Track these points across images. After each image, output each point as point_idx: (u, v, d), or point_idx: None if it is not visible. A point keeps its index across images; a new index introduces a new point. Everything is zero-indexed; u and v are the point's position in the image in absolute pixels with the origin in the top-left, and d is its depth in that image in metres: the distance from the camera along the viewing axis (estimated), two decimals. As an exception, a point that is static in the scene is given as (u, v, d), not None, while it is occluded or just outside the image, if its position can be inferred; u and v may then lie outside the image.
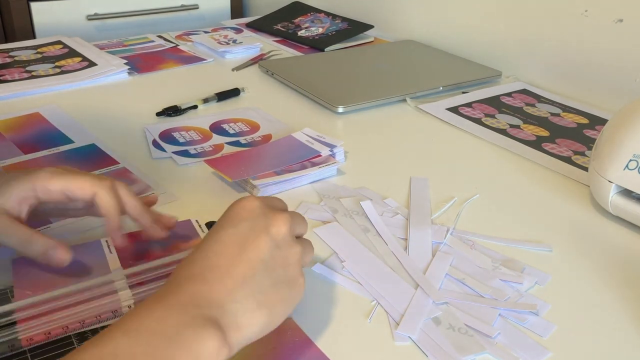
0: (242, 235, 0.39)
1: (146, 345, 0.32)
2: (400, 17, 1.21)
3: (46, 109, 0.81)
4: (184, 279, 0.37)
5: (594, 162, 0.61)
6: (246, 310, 0.37)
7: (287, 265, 0.40)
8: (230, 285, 0.37)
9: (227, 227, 0.40)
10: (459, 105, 0.87)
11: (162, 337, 0.33)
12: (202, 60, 1.03)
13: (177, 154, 0.69)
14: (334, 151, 0.68)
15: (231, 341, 0.35)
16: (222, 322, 0.35)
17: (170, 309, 0.35)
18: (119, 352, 0.32)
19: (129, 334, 0.33)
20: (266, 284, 0.38)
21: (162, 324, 0.34)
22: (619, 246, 0.57)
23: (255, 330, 0.37)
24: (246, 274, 0.38)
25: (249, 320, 0.37)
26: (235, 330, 0.36)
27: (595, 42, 0.89)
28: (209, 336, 0.34)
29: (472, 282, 0.50)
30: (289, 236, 0.41)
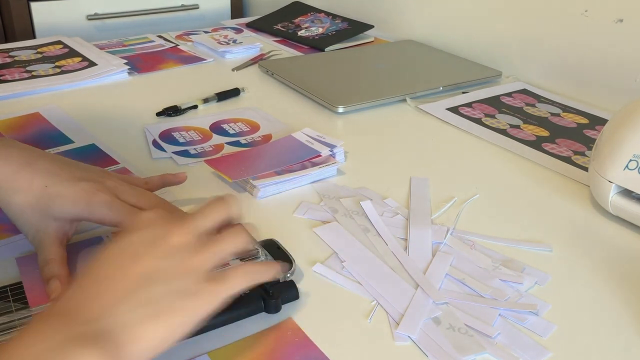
0: (131, 247, 0.38)
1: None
2: (400, 17, 1.21)
3: (46, 109, 0.81)
4: (61, 302, 0.36)
5: (594, 162, 0.61)
6: (131, 324, 0.35)
7: (186, 274, 0.38)
8: (111, 298, 0.35)
9: (122, 240, 0.39)
10: (459, 105, 0.87)
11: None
12: (202, 60, 1.03)
13: (177, 154, 0.69)
14: (334, 151, 0.68)
15: (124, 356, 0.33)
16: (101, 337, 0.33)
17: (38, 336, 0.33)
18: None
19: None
20: (159, 295, 0.36)
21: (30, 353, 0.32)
22: (619, 246, 0.57)
23: (150, 343, 0.35)
24: (130, 287, 0.36)
25: (136, 334, 0.34)
26: (122, 344, 0.34)
27: (595, 42, 0.89)
28: (88, 354, 0.32)
29: (472, 282, 0.50)
30: (186, 246, 0.39)
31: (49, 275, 0.46)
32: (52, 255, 0.47)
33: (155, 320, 0.35)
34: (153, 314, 0.35)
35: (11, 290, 0.46)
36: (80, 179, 0.49)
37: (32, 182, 0.47)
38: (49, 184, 0.47)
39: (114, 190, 0.49)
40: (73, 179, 0.48)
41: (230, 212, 0.43)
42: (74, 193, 0.47)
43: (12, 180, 0.47)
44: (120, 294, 0.35)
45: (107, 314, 0.34)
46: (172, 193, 0.61)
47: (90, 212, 0.47)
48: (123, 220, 0.47)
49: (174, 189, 0.62)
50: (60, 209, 0.47)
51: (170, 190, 0.61)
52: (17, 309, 0.44)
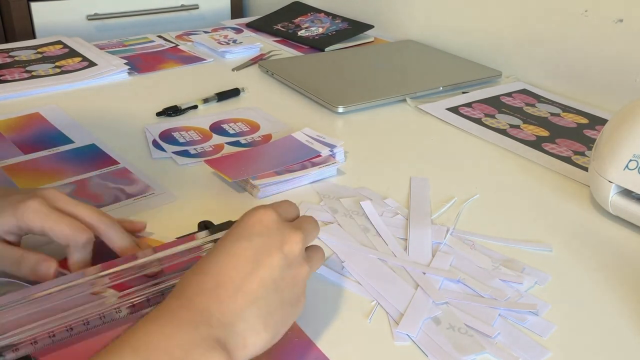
0: (256, 251, 0.38)
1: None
2: (400, 17, 1.21)
3: (46, 109, 0.81)
4: (195, 293, 0.37)
5: (594, 162, 0.61)
6: (253, 331, 0.37)
7: (295, 285, 0.40)
8: (241, 303, 0.37)
9: (241, 240, 0.39)
10: (459, 105, 0.87)
11: (171, 357, 0.33)
12: (202, 60, 1.03)
13: (177, 154, 0.69)
14: (334, 151, 0.68)
15: (239, 358, 0.36)
16: (229, 342, 0.35)
17: (180, 327, 0.34)
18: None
19: (138, 351, 0.32)
20: (275, 304, 0.38)
21: (171, 342, 0.33)
22: (619, 246, 0.57)
23: (257, 349, 0.37)
24: (258, 293, 0.37)
25: (254, 340, 0.37)
26: (241, 349, 0.36)
27: (595, 42, 0.89)
28: (216, 357, 0.34)
29: (472, 282, 0.50)
30: (300, 255, 0.40)
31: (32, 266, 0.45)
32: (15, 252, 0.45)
33: (270, 328, 0.38)
34: (271, 322, 0.38)
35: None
36: (12, 194, 0.47)
37: None
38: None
39: (48, 198, 0.47)
40: (5, 195, 0.47)
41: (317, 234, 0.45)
42: (3, 207, 0.46)
43: None
44: (250, 299, 0.37)
45: (239, 318, 0.36)
46: (172, 193, 0.61)
47: (17, 219, 0.45)
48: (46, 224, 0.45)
49: (174, 189, 0.62)
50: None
51: (170, 190, 0.62)
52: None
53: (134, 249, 0.48)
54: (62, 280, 0.43)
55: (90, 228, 0.47)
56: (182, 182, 0.64)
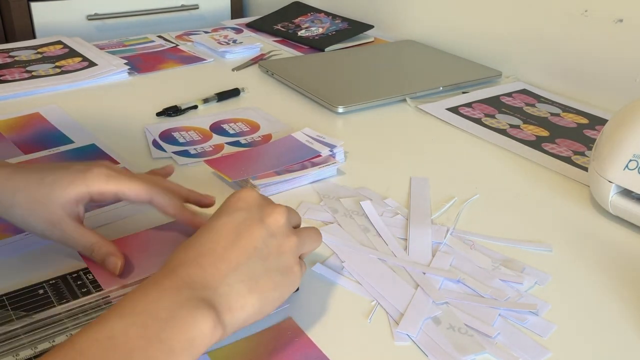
0: (237, 224, 0.41)
1: (141, 327, 0.33)
2: (400, 17, 1.21)
3: (46, 109, 0.81)
4: (178, 263, 0.38)
5: (594, 162, 0.61)
6: (238, 294, 0.38)
7: (281, 253, 0.41)
8: (223, 269, 0.38)
9: (223, 216, 0.41)
10: (459, 105, 0.87)
11: (157, 319, 0.34)
12: (202, 60, 1.03)
13: (177, 154, 0.69)
14: (334, 151, 0.68)
15: (225, 322, 0.36)
16: (215, 303, 0.36)
17: (164, 291, 0.36)
18: (114, 335, 0.33)
19: (124, 317, 0.34)
20: (259, 270, 0.39)
21: (156, 305, 0.35)
22: (619, 246, 0.57)
23: (247, 314, 0.38)
24: (239, 260, 0.39)
25: (241, 303, 0.38)
26: (228, 311, 0.37)
27: (595, 42, 0.89)
28: (203, 316, 0.35)
29: (472, 282, 0.50)
30: (284, 227, 0.42)
31: (102, 257, 0.48)
32: (90, 238, 0.48)
33: (257, 294, 0.39)
34: (256, 287, 0.39)
35: (8, 299, 0.45)
36: (72, 164, 0.50)
37: (27, 181, 0.47)
38: (43, 176, 0.48)
39: (107, 166, 0.50)
40: (65, 166, 0.49)
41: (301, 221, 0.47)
42: (69, 174, 0.48)
43: (7, 185, 0.47)
44: (233, 266, 0.39)
45: (221, 283, 0.38)
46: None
47: (89, 187, 0.48)
48: (120, 187, 0.49)
49: (174, 189, 0.62)
50: (60, 193, 0.47)
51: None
52: (18, 317, 0.43)
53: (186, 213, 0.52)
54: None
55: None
56: (182, 182, 0.63)
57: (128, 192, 0.49)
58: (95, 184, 0.48)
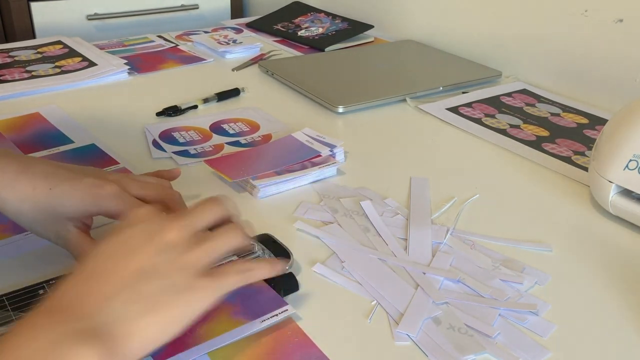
0: (124, 243, 0.38)
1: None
2: (400, 17, 1.21)
3: (46, 109, 0.81)
4: (56, 296, 0.35)
5: (594, 162, 0.61)
6: (130, 317, 0.34)
7: (177, 271, 0.37)
8: (107, 293, 0.35)
9: (111, 237, 0.39)
10: (459, 105, 0.87)
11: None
12: (202, 60, 1.03)
13: (177, 154, 0.69)
14: (334, 151, 0.68)
15: (116, 352, 0.33)
16: (99, 332, 0.33)
17: (38, 331, 0.32)
18: None
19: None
20: (149, 291, 0.36)
21: (32, 347, 0.31)
22: (619, 246, 0.57)
23: (146, 337, 0.35)
24: (124, 282, 0.36)
25: (132, 328, 0.34)
26: (118, 339, 0.33)
27: (595, 42, 0.89)
28: (85, 353, 0.31)
29: (472, 282, 0.50)
30: (181, 242, 0.38)
31: None
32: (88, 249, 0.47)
33: (149, 315, 0.35)
34: (147, 309, 0.35)
35: (8, 299, 0.45)
36: (83, 175, 0.48)
37: (34, 187, 0.46)
38: (52, 186, 0.46)
39: (118, 183, 0.48)
40: (75, 177, 0.47)
41: (225, 210, 0.43)
42: (79, 190, 0.46)
43: (13, 189, 0.46)
44: (115, 289, 0.35)
45: (102, 309, 0.34)
46: (172, 193, 0.61)
47: (99, 206, 0.46)
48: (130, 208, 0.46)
49: (174, 189, 0.62)
50: (69, 208, 0.46)
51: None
52: (18, 317, 0.43)
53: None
54: None
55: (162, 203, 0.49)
56: (182, 182, 0.63)
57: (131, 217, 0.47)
58: (106, 204, 0.46)
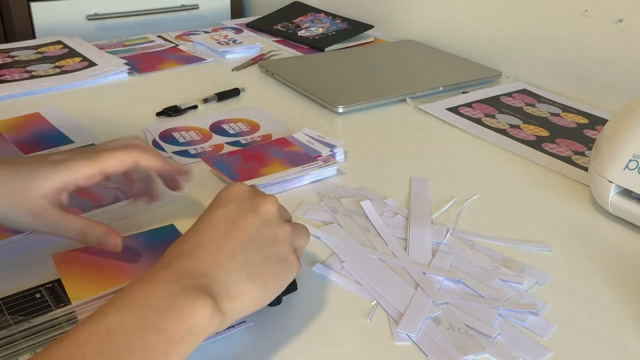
0: (230, 215, 0.41)
1: (138, 317, 0.33)
2: (400, 17, 1.21)
3: (46, 109, 0.81)
4: (174, 255, 0.39)
5: (594, 162, 0.61)
6: (237, 282, 0.38)
7: (276, 242, 0.41)
8: (220, 258, 0.38)
9: (216, 209, 0.42)
10: (459, 105, 0.87)
11: (154, 309, 0.34)
12: (202, 60, 1.03)
13: (177, 154, 0.69)
14: (334, 151, 0.68)
15: (224, 309, 0.36)
16: (213, 290, 0.36)
17: (160, 282, 0.36)
18: (111, 327, 0.33)
19: (121, 309, 0.34)
20: (256, 258, 0.40)
21: (153, 296, 0.35)
22: (619, 246, 0.57)
23: (247, 301, 0.38)
24: (235, 249, 0.39)
25: (239, 291, 0.38)
26: (226, 299, 0.37)
27: (595, 42, 0.89)
28: (201, 304, 0.35)
29: (472, 282, 0.50)
30: (276, 216, 0.43)
31: (97, 238, 0.47)
32: (79, 223, 0.47)
33: (255, 281, 0.39)
34: (255, 274, 0.39)
35: (5, 304, 0.45)
36: (46, 156, 0.48)
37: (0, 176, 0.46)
38: (18, 169, 0.46)
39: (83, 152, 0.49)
40: (39, 159, 0.48)
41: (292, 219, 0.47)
42: (47, 165, 0.47)
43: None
44: (227, 255, 0.39)
45: (219, 270, 0.38)
46: (172, 192, 0.61)
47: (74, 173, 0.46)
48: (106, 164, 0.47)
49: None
50: (40, 182, 0.46)
51: (170, 190, 0.61)
52: (16, 321, 0.43)
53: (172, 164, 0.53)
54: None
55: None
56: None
57: (112, 164, 0.48)
58: (79, 169, 0.47)
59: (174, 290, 0.35)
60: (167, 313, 0.34)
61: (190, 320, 0.34)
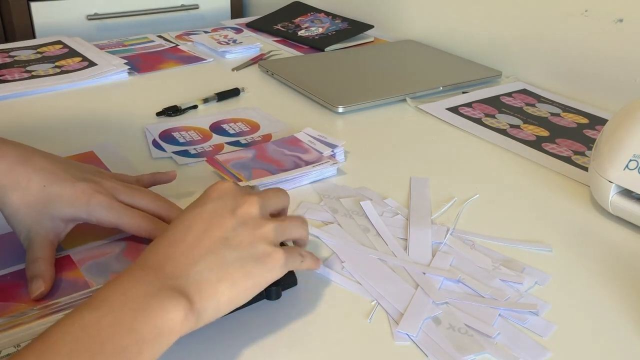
0: (209, 214, 0.41)
1: (112, 317, 0.34)
2: (400, 17, 1.21)
3: (100, 147, 0.70)
4: (150, 255, 0.39)
5: (594, 162, 0.61)
6: (208, 282, 0.38)
7: (253, 242, 0.41)
8: (194, 257, 0.39)
9: (196, 207, 0.42)
10: (459, 105, 0.87)
11: (128, 309, 0.34)
12: (202, 60, 1.03)
13: (177, 153, 0.69)
14: (334, 151, 0.68)
15: (198, 309, 0.37)
16: (186, 290, 0.37)
17: (135, 283, 0.36)
18: (86, 326, 0.33)
19: (97, 308, 0.34)
20: (229, 259, 0.40)
21: (128, 296, 0.35)
22: (619, 246, 0.57)
23: (220, 301, 0.38)
24: (209, 249, 0.39)
25: (211, 292, 0.38)
26: (199, 299, 0.37)
27: (595, 42, 0.89)
28: (174, 305, 0.35)
29: (472, 282, 0.50)
30: (257, 216, 0.42)
31: (34, 273, 0.46)
32: (40, 254, 0.47)
33: (228, 282, 0.39)
34: (227, 275, 0.39)
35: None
36: (78, 179, 0.49)
37: (29, 181, 0.47)
38: (47, 184, 0.47)
39: (111, 191, 0.50)
40: (71, 179, 0.49)
41: (287, 202, 0.48)
42: (72, 194, 0.48)
43: (7, 177, 0.47)
44: (201, 254, 0.39)
45: (190, 271, 0.38)
46: (171, 192, 0.61)
47: (89, 214, 0.48)
48: (120, 221, 0.49)
49: (174, 189, 0.62)
50: (59, 209, 0.47)
51: (170, 190, 0.61)
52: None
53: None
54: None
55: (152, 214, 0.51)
56: (182, 182, 0.64)
57: (128, 227, 0.49)
58: (97, 213, 0.48)
59: (149, 291, 0.36)
60: (141, 313, 0.34)
61: (165, 320, 0.35)
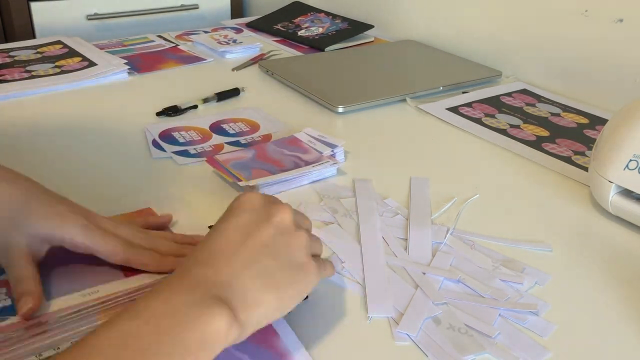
0: (245, 224, 0.41)
1: (153, 325, 0.33)
2: (400, 17, 1.21)
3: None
4: (191, 265, 0.38)
5: (594, 162, 0.61)
6: (254, 291, 0.38)
7: (292, 250, 0.41)
8: (236, 268, 0.38)
9: (230, 218, 0.41)
10: (459, 105, 0.87)
11: (170, 317, 0.34)
12: (202, 60, 1.03)
13: (177, 154, 0.69)
14: (334, 151, 0.68)
15: (241, 319, 0.36)
16: (230, 300, 0.36)
17: (177, 292, 0.35)
18: (127, 334, 0.32)
19: (138, 316, 0.33)
20: (272, 267, 0.39)
21: (169, 305, 0.34)
22: (619, 246, 0.57)
23: (264, 310, 0.38)
24: (251, 258, 0.39)
25: (256, 300, 0.37)
26: (244, 309, 0.36)
27: (595, 42, 0.89)
28: (218, 314, 0.35)
29: (472, 282, 0.50)
30: (291, 224, 0.42)
31: (23, 292, 0.44)
32: (25, 272, 0.45)
33: (273, 289, 0.38)
34: (271, 283, 0.39)
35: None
36: (60, 202, 0.48)
37: (11, 197, 0.46)
38: (30, 201, 0.46)
39: (92, 219, 0.48)
40: (53, 202, 0.47)
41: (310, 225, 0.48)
42: (50, 213, 0.46)
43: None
44: (244, 264, 0.39)
45: (236, 279, 0.38)
46: (171, 193, 0.61)
47: (63, 233, 0.46)
48: (94, 245, 0.47)
49: (174, 189, 0.62)
50: (34, 225, 0.46)
51: (170, 190, 0.61)
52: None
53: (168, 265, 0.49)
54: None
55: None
56: (182, 182, 0.64)
57: (102, 251, 0.47)
58: (70, 235, 0.46)
59: (191, 299, 0.35)
60: (183, 322, 0.33)
61: (208, 330, 0.34)
